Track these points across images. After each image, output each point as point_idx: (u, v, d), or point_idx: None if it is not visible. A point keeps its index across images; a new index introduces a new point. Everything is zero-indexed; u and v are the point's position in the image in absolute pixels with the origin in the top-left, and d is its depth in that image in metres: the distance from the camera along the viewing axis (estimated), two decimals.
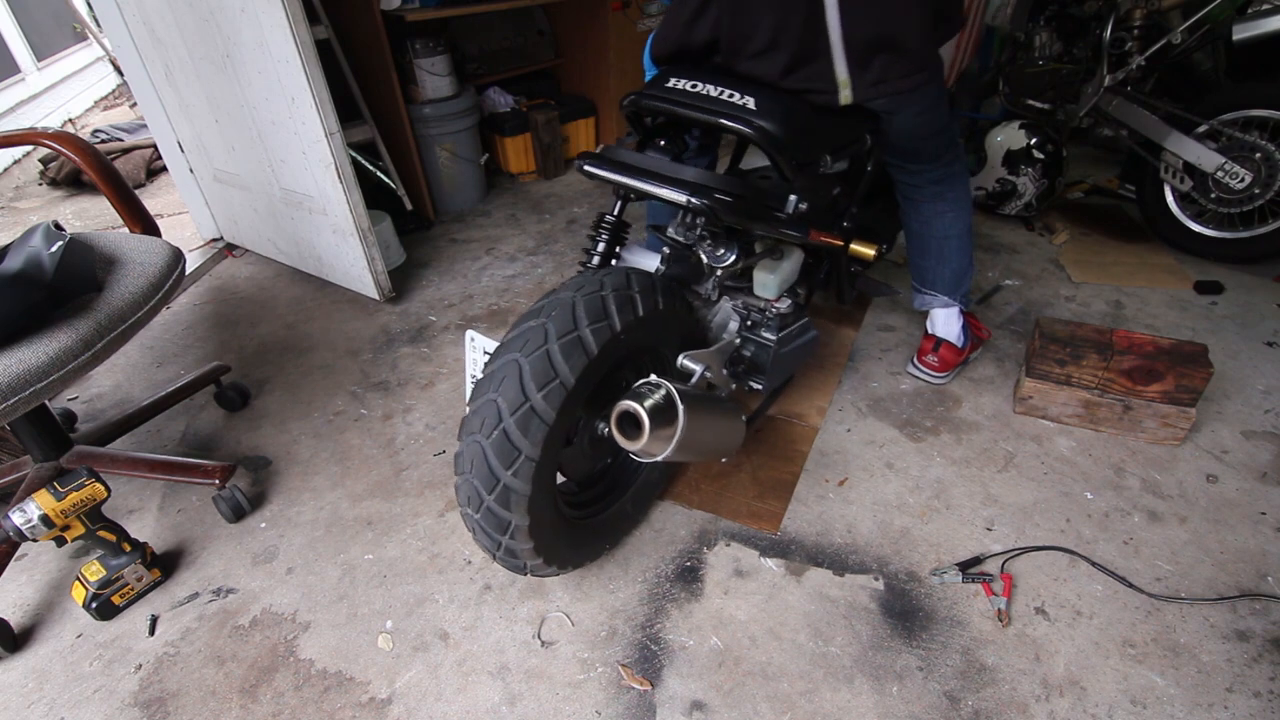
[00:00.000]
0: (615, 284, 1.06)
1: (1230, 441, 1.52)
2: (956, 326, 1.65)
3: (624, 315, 1.04)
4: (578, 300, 1.01)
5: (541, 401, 0.96)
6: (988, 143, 2.40)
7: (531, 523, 1.02)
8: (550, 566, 1.13)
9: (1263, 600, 1.20)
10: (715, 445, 1.12)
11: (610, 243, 1.30)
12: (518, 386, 0.97)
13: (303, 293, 2.26)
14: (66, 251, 1.12)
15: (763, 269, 1.33)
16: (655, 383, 0.97)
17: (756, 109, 1.11)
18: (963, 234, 1.54)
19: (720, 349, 1.30)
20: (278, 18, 1.65)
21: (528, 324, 1.01)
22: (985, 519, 1.36)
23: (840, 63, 1.08)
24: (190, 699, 1.11)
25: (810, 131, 1.17)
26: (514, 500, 0.99)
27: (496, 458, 0.97)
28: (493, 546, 1.06)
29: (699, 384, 1.17)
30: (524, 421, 0.96)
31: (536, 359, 0.97)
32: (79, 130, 4.21)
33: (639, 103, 1.20)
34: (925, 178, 1.48)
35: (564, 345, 0.97)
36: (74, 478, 1.14)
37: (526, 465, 0.97)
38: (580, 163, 1.17)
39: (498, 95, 2.94)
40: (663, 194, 1.08)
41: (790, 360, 1.44)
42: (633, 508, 1.33)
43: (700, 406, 1.01)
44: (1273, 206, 2.03)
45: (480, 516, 1.02)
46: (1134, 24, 2.17)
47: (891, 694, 1.08)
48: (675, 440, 0.94)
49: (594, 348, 0.99)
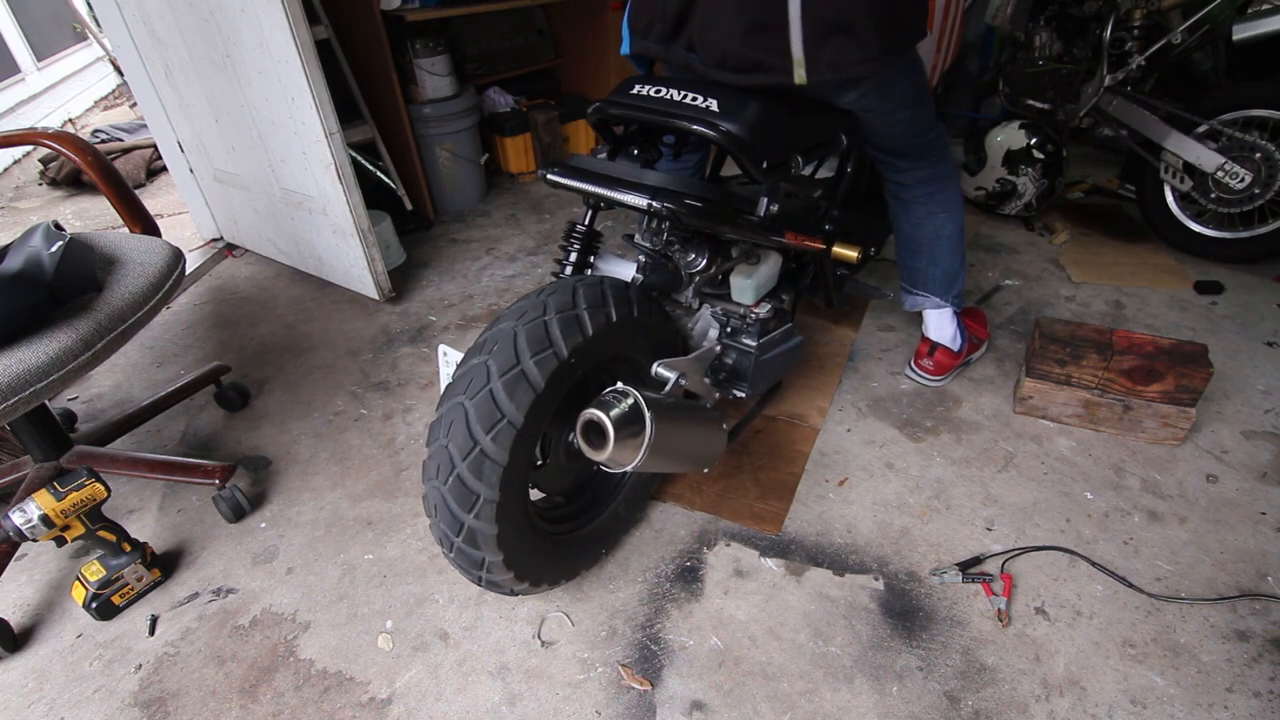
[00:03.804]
0: (559, 304, 1.01)
1: (1230, 441, 1.52)
2: (950, 329, 1.64)
3: (569, 339, 0.99)
4: (519, 330, 0.98)
5: (491, 444, 0.94)
6: (988, 143, 2.40)
7: (505, 556, 1.01)
8: (540, 586, 1.13)
9: (1263, 600, 1.20)
10: (691, 454, 1.09)
11: (582, 252, 1.27)
12: (465, 432, 0.95)
13: (303, 293, 2.26)
14: (66, 251, 1.12)
15: (739, 274, 1.31)
16: (622, 390, 0.94)
17: (719, 110, 1.09)
18: (953, 235, 1.52)
19: (699, 357, 1.28)
20: (278, 18, 1.65)
21: (472, 361, 0.99)
22: (985, 519, 1.36)
23: (797, 39, 1.09)
24: (190, 699, 1.11)
25: (776, 132, 1.15)
26: (482, 539, 0.99)
27: (456, 503, 0.96)
28: (474, 579, 1.06)
29: (673, 392, 1.15)
30: (476, 466, 0.95)
31: (480, 401, 0.94)
32: (79, 130, 4.21)
33: (605, 110, 1.19)
34: (913, 176, 1.46)
35: (507, 383, 0.94)
36: (74, 478, 1.14)
37: (487, 507, 0.96)
38: (543, 172, 1.15)
39: (498, 95, 2.95)
40: (625, 199, 1.06)
41: (773, 367, 1.42)
42: (626, 509, 1.31)
43: (672, 415, 0.99)
44: (1273, 206, 2.03)
45: (454, 556, 1.03)
46: (1134, 24, 2.16)
47: (891, 694, 1.08)
48: (643, 449, 0.92)
49: (540, 381, 0.96)
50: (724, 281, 1.35)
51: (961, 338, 1.66)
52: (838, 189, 1.45)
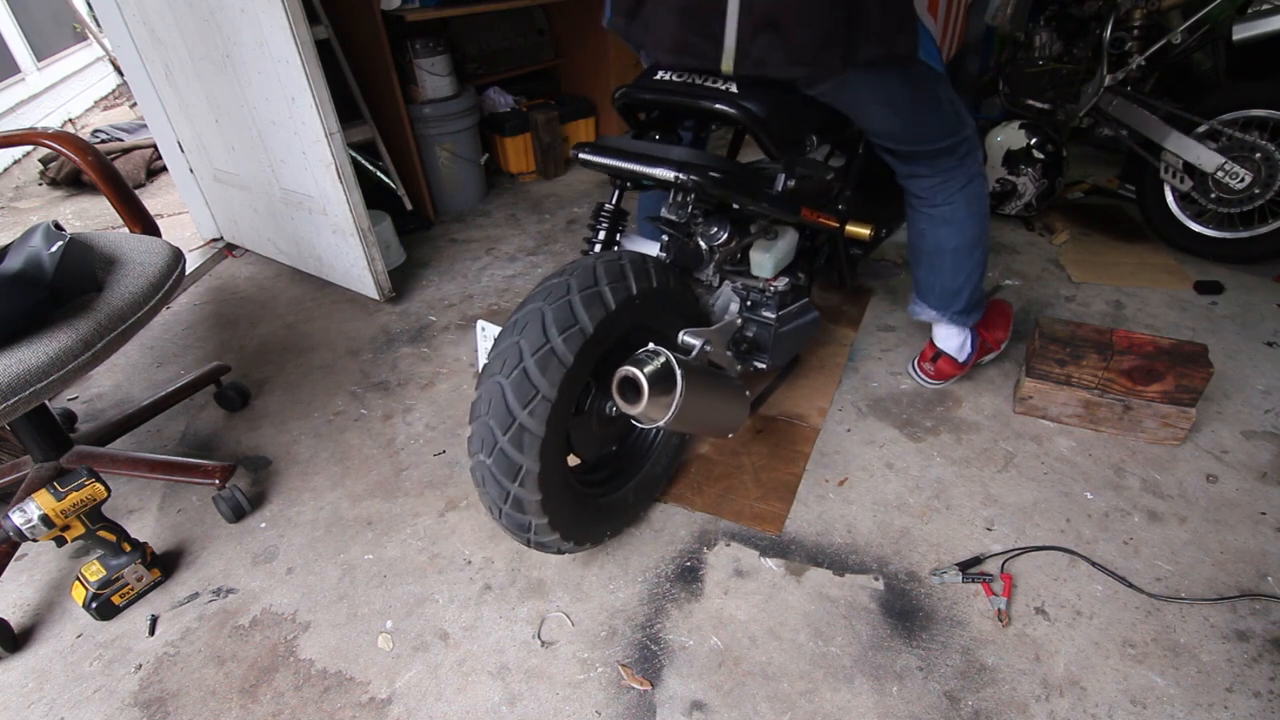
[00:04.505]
0: (632, 257, 1.15)
1: (1230, 441, 1.52)
2: (956, 340, 1.60)
3: (640, 282, 1.12)
4: (598, 264, 1.09)
5: (562, 345, 1.01)
6: (988, 143, 2.40)
7: (542, 470, 1.05)
8: (553, 533, 1.13)
9: (1263, 600, 1.20)
10: (718, 418, 1.15)
11: (610, 230, 1.33)
12: (540, 330, 1.02)
13: (303, 293, 2.26)
14: (66, 251, 1.12)
15: (758, 249, 1.37)
16: (655, 350, 1.01)
17: (739, 92, 1.16)
18: (959, 250, 1.45)
19: (721, 329, 1.33)
20: (278, 18, 1.65)
21: (550, 282, 1.08)
22: (985, 519, 1.36)
23: (731, 30, 1.11)
24: (190, 699, 1.11)
25: (792, 113, 1.22)
26: (528, 441, 1.02)
27: (515, 396, 1.01)
28: (500, 498, 1.07)
29: (699, 358, 1.20)
30: (544, 362, 1.01)
31: (559, 307, 1.03)
32: (79, 130, 4.22)
33: (630, 95, 1.26)
34: (919, 185, 1.42)
35: (585, 297, 1.05)
36: (74, 478, 1.14)
37: (543, 405, 1.01)
38: (575, 151, 1.26)
39: (498, 95, 2.95)
40: (653, 172, 1.15)
41: (792, 339, 1.48)
42: (635, 498, 1.33)
43: (700, 377, 1.05)
44: (1273, 206, 2.03)
45: (492, 461, 1.04)
46: (1134, 24, 2.16)
47: (891, 694, 1.08)
48: (674, 407, 0.98)
49: (612, 303, 1.06)
50: (743, 259, 1.41)
51: (971, 347, 1.62)
52: (850, 170, 1.50)
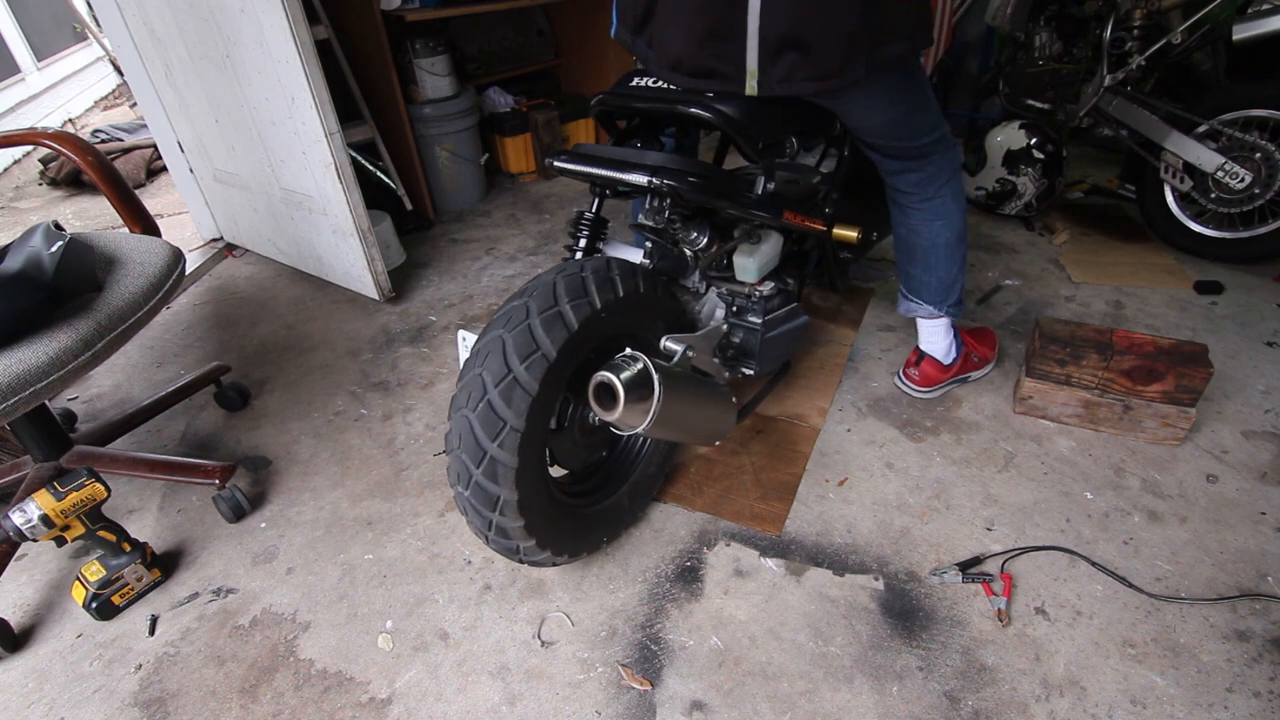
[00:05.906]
0: (595, 267, 1.10)
1: (1230, 441, 1.52)
2: (943, 342, 1.60)
3: (604, 294, 1.07)
4: (558, 280, 1.05)
5: (525, 373, 0.99)
6: (988, 143, 2.40)
7: (520, 498, 1.03)
8: (544, 551, 1.12)
9: (1263, 600, 1.20)
10: (701, 424, 1.13)
11: (590, 238, 1.31)
12: (500, 360, 0.99)
13: (303, 293, 2.26)
14: (66, 251, 1.12)
15: (741, 254, 1.36)
16: (631, 355, 0.99)
17: (714, 95, 1.15)
18: (950, 243, 1.47)
19: (706, 334, 1.32)
20: (278, 18, 1.65)
21: (511, 305, 1.05)
22: (985, 519, 1.36)
23: (753, 51, 1.10)
24: (190, 699, 1.11)
25: (771, 115, 1.20)
26: (502, 472, 1.01)
27: (483, 430, 0.99)
28: (484, 526, 1.07)
29: (681, 363, 1.18)
30: (508, 393, 0.99)
31: (519, 334, 1.00)
32: (79, 130, 4.22)
33: (607, 102, 1.25)
34: (906, 181, 1.42)
35: (545, 320, 1.01)
36: (74, 478, 1.14)
37: (512, 436, 0.99)
38: (550, 160, 1.22)
39: (498, 95, 2.95)
40: (627, 178, 1.12)
41: (780, 345, 1.45)
42: (630, 502, 1.33)
43: (680, 383, 1.03)
44: (1273, 206, 2.03)
45: (470, 493, 1.04)
46: (1134, 24, 2.16)
47: (891, 694, 1.08)
48: (652, 413, 0.96)
49: (574, 322, 1.03)
50: (729, 265, 1.39)
51: (956, 351, 1.62)
52: (836, 173, 1.49)
